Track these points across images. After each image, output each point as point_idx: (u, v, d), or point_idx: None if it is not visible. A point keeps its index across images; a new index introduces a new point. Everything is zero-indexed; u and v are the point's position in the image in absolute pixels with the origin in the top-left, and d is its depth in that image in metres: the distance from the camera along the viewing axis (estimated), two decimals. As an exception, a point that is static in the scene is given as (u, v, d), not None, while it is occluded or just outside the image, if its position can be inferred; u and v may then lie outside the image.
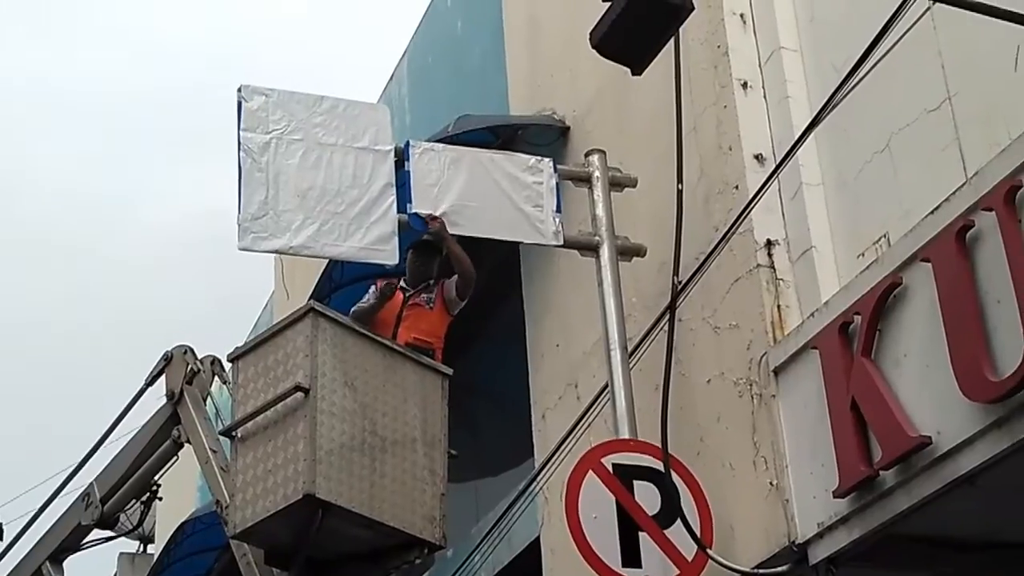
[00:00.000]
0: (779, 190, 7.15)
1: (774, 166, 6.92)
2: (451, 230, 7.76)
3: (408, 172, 7.68)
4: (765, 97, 7.51)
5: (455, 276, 8.30)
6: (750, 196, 6.88)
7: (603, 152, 8.12)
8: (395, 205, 7.59)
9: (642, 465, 6.83)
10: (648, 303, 7.84)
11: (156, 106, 50.15)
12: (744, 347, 7.02)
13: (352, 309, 8.27)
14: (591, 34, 6.32)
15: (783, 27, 7.53)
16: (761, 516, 6.65)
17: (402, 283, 8.40)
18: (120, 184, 51.19)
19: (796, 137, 6.60)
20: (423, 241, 8.17)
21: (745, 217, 6.85)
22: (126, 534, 11.37)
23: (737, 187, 7.29)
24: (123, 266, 45.42)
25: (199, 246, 47.09)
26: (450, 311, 8.36)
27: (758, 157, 7.33)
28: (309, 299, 8.66)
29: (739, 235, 6.99)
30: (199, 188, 50.68)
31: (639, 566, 6.59)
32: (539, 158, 8.08)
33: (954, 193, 5.74)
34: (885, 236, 6.57)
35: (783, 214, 7.21)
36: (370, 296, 8.33)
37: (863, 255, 6.67)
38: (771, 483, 6.63)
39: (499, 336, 10.49)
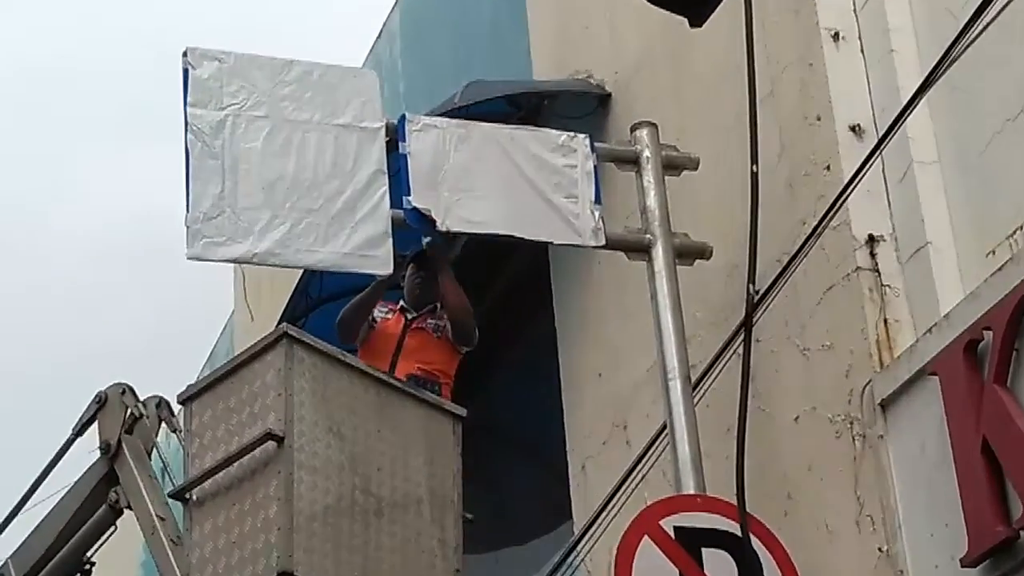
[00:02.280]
0: (883, 171, 7.14)
1: (876, 140, 6.91)
2: (461, 229, 7.74)
3: (404, 155, 7.67)
4: (863, 51, 7.51)
5: None
6: (846, 179, 6.89)
7: (654, 125, 8.09)
8: (387, 198, 7.57)
9: (712, 528, 6.83)
10: (716, 319, 7.84)
11: (87, 91, 50.40)
12: (842, 374, 7.03)
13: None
14: (637, -25, 6.32)
15: (884, -40, 7.53)
16: (868, 592, 6.65)
17: (402, 304, 8.41)
18: (40, 181, 51.42)
19: (904, 103, 6.60)
20: (424, 254, 8.18)
21: (840, 206, 6.86)
22: (51, 627, 11.33)
23: (829, 168, 7.30)
24: (42, 287, 45.54)
25: (137, 257, 47.18)
26: (457, 349, 8.43)
27: (855, 129, 7.34)
28: (280, 321, 8.65)
29: (832, 230, 7.01)
30: (139, 185, 50.80)
31: (710, 656, 6.61)
32: (572, 134, 8.05)
33: (1112, 171, 5.72)
34: (1022, 228, 6.54)
35: (889, 202, 7.21)
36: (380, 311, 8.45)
37: (994, 253, 6.65)
38: (880, 549, 6.64)
39: (525, 365, 10.49)
